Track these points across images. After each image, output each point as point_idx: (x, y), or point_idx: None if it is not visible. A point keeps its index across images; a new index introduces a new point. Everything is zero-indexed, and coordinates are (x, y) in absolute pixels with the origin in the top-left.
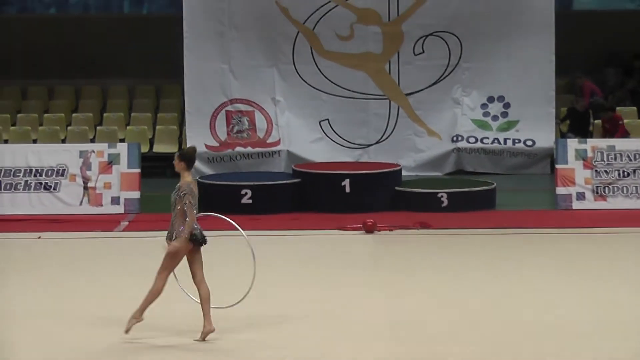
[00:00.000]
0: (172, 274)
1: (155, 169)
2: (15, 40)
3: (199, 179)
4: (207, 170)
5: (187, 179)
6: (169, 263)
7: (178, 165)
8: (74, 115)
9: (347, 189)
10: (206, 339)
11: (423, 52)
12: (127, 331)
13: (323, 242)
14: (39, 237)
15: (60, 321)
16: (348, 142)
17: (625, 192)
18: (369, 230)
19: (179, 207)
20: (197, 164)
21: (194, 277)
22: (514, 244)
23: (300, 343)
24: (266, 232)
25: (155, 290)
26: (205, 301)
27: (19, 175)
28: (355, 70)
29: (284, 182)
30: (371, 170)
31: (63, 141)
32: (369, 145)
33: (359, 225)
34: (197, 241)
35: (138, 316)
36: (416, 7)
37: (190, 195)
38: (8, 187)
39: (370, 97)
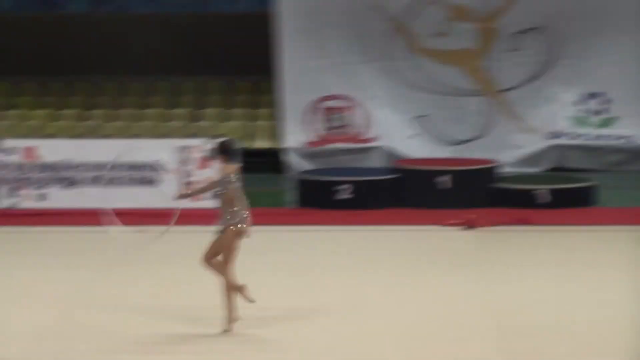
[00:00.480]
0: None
1: (254, 165)
2: (112, 38)
3: (299, 174)
4: (305, 165)
5: (228, 170)
6: (229, 255)
7: (218, 158)
8: (173, 111)
9: (446, 185)
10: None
11: (519, 48)
12: (227, 330)
13: (422, 238)
14: (140, 231)
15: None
16: (445, 138)
17: None
18: (469, 226)
19: (226, 198)
20: (295, 159)
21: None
22: (616, 241)
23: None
24: (365, 227)
25: (231, 286)
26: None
27: (121, 170)
28: (451, 67)
29: (384, 177)
30: (469, 166)
31: (162, 136)
32: (466, 142)
33: (458, 221)
34: (243, 230)
35: (234, 317)
36: (511, 3)
37: (233, 184)
38: (111, 182)
39: (467, 93)
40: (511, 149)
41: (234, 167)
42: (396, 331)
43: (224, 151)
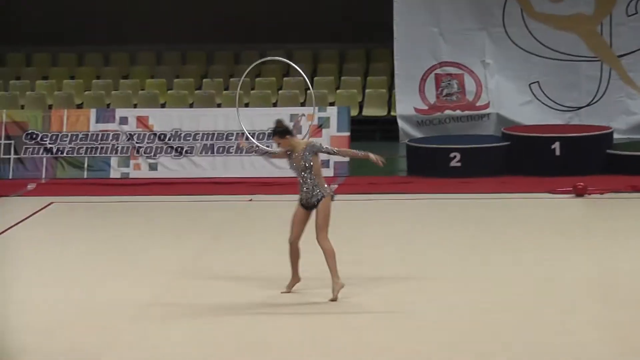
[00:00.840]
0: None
1: (365, 133)
2: (228, 5)
3: (408, 142)
4: (416, 133)
5: (301, 142)
6: (326, 222)
7: (285, 141)
8: (285, 79)
9: (557, 152)
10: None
11: (636, 12)
12: (334, 298)
13: (533, 206)
14: (250, 200)
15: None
16: (558, 104)
17: None
18: (580, 193)
19: (315, 168)
20: (406, 126)
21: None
22: None
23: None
24: (475, 195)
25: (330, 251)
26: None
27: (231, 139)
28: (566, 32)
29: (493, 145)
30: (582, 133)
31: (274, 105)
32: (579, 108)
33: (569, 189)
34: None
35: (337, 280)
36: None
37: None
38: (221, 150)
39: (581, 59)
40: (626, 115)
41: (305, 141)
42: (503, 300)
43: (287, 132)
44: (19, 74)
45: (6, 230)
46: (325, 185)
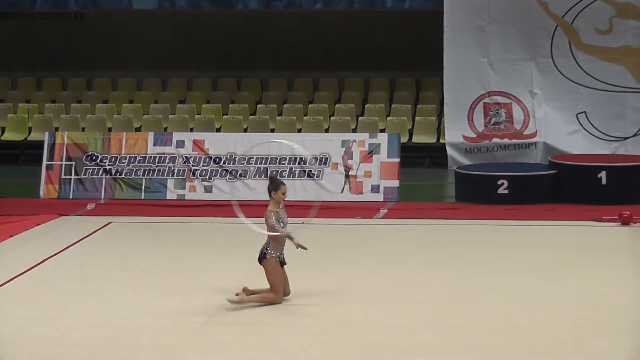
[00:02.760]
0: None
1: (414, 159)
2: (283, 34)
3: (456, 169)
4: (464, 160)
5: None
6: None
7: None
8: (336, 106)
9: (604, 181)
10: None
11: None
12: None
13: (578, 233)
14: (302, 223)
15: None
16: (605, 134)
17: None
18: (625, 222)
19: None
20: (455, 154)
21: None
22: None
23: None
24: (522, 222)
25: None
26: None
27: (284, 163)
28: (613, 64)
29: (541, 173)
30: (628, 162)
31: (326, 131)
32: (625, 138)
33: (614, 217)
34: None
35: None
36: None
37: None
38: (273, 175)
39: (628, 90)
40: None
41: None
42: (551, 324)
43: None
44: (80, 98)
45: (68, 247)
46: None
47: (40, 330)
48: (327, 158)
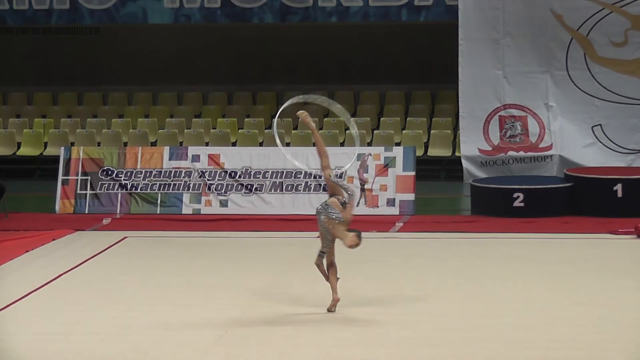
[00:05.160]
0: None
1: (430, 172)
2: (298, 48)
3: (472, 182)
4: (479, 174)
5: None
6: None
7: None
8: (352, 119)
9: (620, 194)
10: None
11: None
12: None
13: (594, 246)
14: (318, 237)
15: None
16: (621, 147)
17: None
18: None
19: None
20: (470, 167)
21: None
22: None
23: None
24: (538, 235)
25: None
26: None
27: (299, 177)
28: (628, 76)
29: (556, 185)
30: None
31: (342, 144)
32: None
33: (631, 230)
34: None
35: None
36: None
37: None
38: (289, 188)
39: None
40: None
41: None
42: (567, 337)
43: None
44: (96, 113)
45: (83, 262)
46: None
47: (56, 345)
48: (343, 172)
